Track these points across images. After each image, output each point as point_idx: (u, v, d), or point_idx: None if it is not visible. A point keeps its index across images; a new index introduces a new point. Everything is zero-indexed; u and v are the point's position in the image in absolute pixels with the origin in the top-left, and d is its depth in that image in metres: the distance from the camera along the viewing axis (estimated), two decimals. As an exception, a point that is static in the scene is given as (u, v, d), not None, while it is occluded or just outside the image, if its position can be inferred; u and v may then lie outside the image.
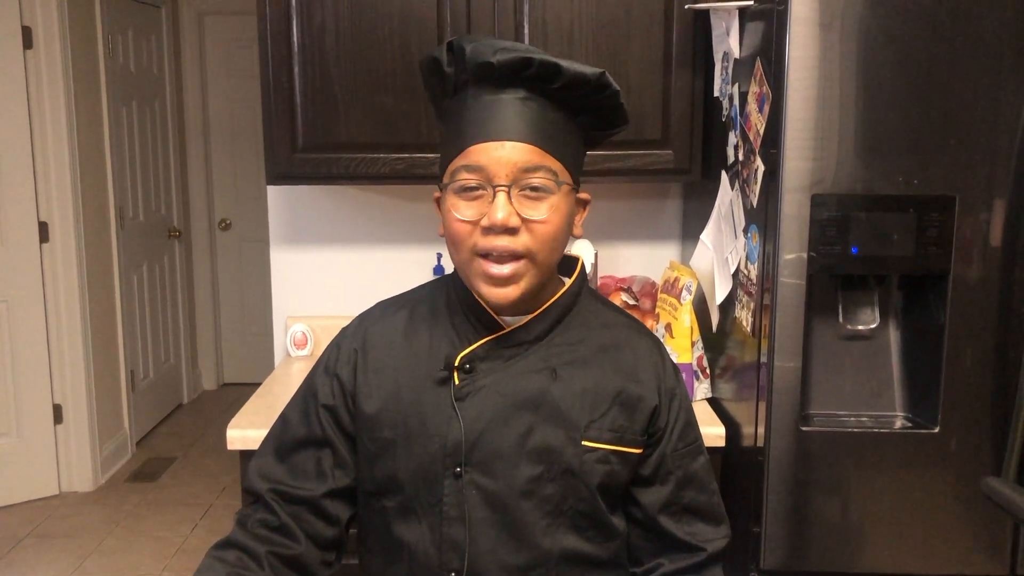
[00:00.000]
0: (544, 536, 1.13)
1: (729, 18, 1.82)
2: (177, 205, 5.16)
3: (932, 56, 1.52)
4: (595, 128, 1.17)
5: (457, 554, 1.13)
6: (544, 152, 1.08)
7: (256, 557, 1.15)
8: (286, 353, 2.45)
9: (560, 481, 1.14)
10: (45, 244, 3.83)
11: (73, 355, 3.94)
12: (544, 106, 1.09)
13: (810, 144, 1.54)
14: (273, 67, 2.04)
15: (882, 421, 1.66)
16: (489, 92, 1.09)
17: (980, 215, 1.55)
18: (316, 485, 1.19)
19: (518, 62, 1.07)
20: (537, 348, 1.16)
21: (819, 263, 1.56)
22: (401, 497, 1.16)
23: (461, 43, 1.10)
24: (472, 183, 1.08)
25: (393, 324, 1.23)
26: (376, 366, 1.20)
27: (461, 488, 1.13)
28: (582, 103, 1.12)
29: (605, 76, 1.09)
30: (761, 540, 1.64)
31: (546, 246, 1.10)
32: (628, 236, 2.46)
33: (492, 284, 1.10)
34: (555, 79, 1.07)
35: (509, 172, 1.07)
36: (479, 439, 1.13)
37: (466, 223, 1.09)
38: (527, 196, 1.08)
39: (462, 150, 1.09)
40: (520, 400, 1.14)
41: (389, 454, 1.17)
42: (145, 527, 3.69)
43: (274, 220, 2.46)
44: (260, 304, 5.35)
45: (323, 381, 1.22)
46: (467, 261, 1.11)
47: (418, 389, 1.17)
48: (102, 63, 4.16)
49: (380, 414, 1.18)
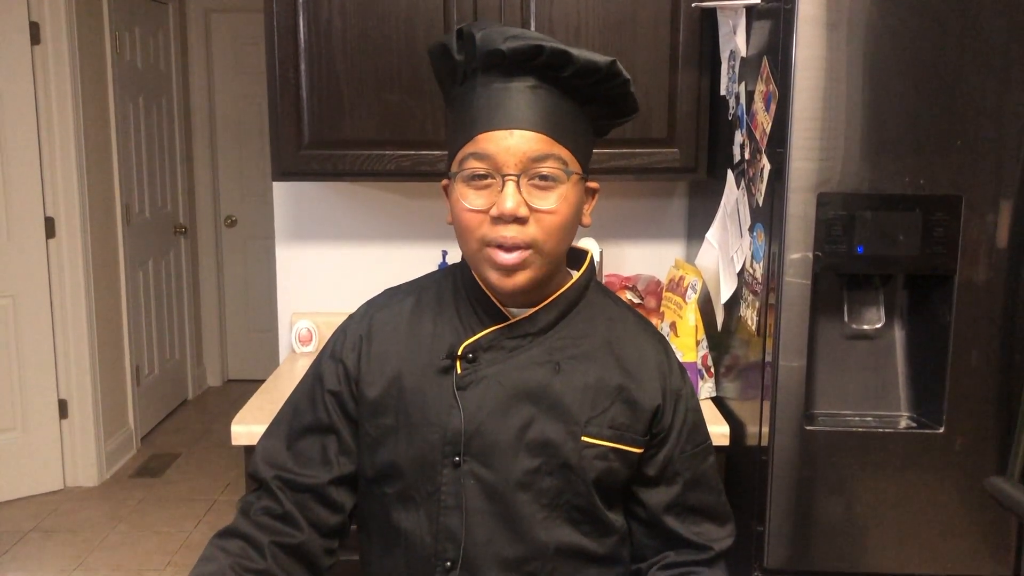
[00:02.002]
0: (540, 529, 1.13)
1: (736, 17, 1.82)
2: (183, 201, 5.17)
3: (939, 56, 1.52)
4: (605, 117, 1.16)
5: (453, 544, 1.13)
6: (553, 141, 1.08)
7: (259, 547, 1.15)
8: (291, 349, 2.45)
9: (558, 475, 1.13)
10: (51, 240, 3.84)
11: (78, 350, 3.95)
12: (554, 94, 1.08)
13: (816, 143, 1.54)
14: (280, 64, 2.04)
15: (887, 421, 1.65)
16: (499, 80, 1.08)
17: (986, 215, 1.55)
18: (321, 472, 1.19)
19: (529, 50, 1.06)
20: (542, 340, 1.16)
21: (824, 262, 1.56)
22: (400, 485, 1.16)
23: (471, 30, 1.09)
24: (481, 171, 1.08)
25: (399, 311, 1.23)
26: (380, 352, 1.20)
27: (459, 478, 1.13)
28: (592, 92, 1.11)
29: (616, 65, 1.08)
30: (765, 539, 1.64)
31: (554, 236, 1.10)
32: (633, 234, 2.46)
33: (500, 272, 1.09)
34: (566, 67, 1.07)
35: (518, 161, 1.06)
36: (479, 429, 1.13)
37: (475, 212, 1.08)
38: (536, 185, 1.07)
39: (471, 138, 1.08)
40: (521, 392, 1.13)
41: (390, 441, 1.17)
42: (149, 523, 3.70)
43: (280, 217, 2.47)
44: (265, 300, 5.36)
45: (329, 367, 1.22)
46: (476, 251, 1.11)
47: (420, 377, 1.17)
48: (109, 59, 4.17)
49: (382, 400, 1.18)
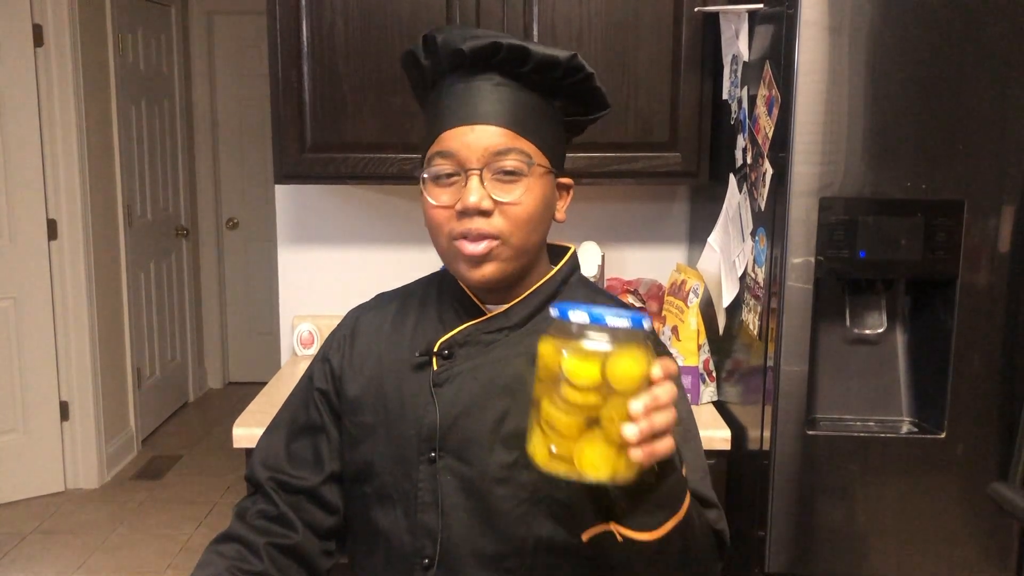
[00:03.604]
0: (519, 524, 1.12)
1: (738, 21, 1.82)
2: (185, 204, 5.18)
3: (941, 61, 1.52)
4: (575, 113, 1.17)
5: (431, 541, 1.13)
6: (516, 135, 1.08)
7: (255, 549, 1.15)
8: (292, 352, 2.45)
9: (535, 468, 1.12)
10: (53, 241, 3.84)
11: (80, 352, 3.96)
12: (518, 89, 1.09)
13: (819, 148, 1.54)
14: (282, 66, 2.04)
15: (888, 426, 1.65)
16: (462, 79, 1.10)
17: (988, 220, 1.55)
18: (314, 474, 1.21)
19: (487, 47, 1.07)
20: (519, 335, 1.16)
21: (827, 267, 1.56)
22: (378, 483, 1.17)
23: (434, 35, 1.11)
24: (446, 169, 1.09)
25: (384, 313, 1.25)
26: (362, 351, 1.22)
27: (435, 474, 1.13)
28: (556, 86, 1.12)
29: (576, 58, 1.09)
30: (766, 544, 1.63)
31: (521, 228, 1.09)
32: (635, 238, 2.46)
33: (469, 264, 1.10)
34: (525, 62, 1.08)
35: (480, 156, 1.07)
36: (453, 424, 1.13)
37: (443, 209, 1.09)
38: (499, 179, 1.08)
39: (436, 137, 1.10)
40: (497, 386, 1.13)
41: (369, 439, 1.17)
42: (150, 525, 3.70)
43: (282, 219, 2.47)
44: (267, 303, 5.37)
45: (318, 367, 1.25)
46: (447, 247, 1.12)
47: (400, 375, 1.18)
48: (112, 61, 4.18)
49: (362, 398, 1.19)
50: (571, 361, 0.84)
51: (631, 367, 0.84)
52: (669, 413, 0.85)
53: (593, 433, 0.85)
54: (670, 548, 0.97)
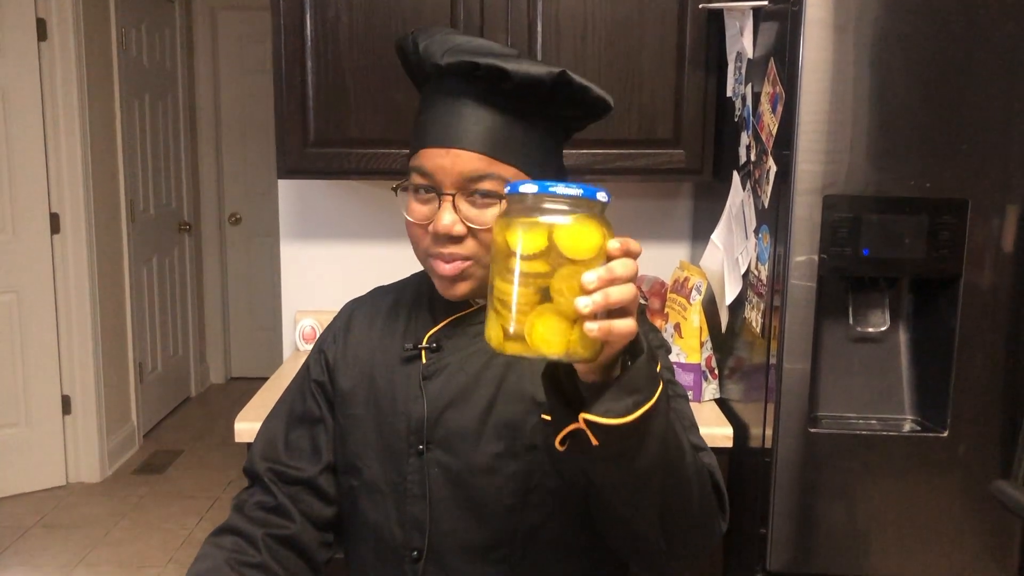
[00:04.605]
0: (507, 516, 1.11)
1: (743, 18, 1.82)
2: (188, 199, 5.18)
3: (946, 59, 1.52)
4: (575, 119, 1.13)
5: (419, 533, 1.13)
6: (492, 160, 1.04)
7: (252, 540, 1.16)
8: (295, 347, 2.45)
9: (524, 457, 1.11)
10: (56, 236, 3.85)
11: (82, 346, 3.96)
12: (500, 109, 1.05)
13: (823, 145, 1.53)
14: (286, 62, 2.04)
15: (891, 424, 1.65)
16: (443, 93, 1.07)
17: (992, 218, 1.54)
18: (312, 464, 1.21)
19: (463, 67, 1.04)
20: None
21: (830, 265, 1.56)
22: (368, 475, 1.17)
23: (416, 38, 1.09)
24: (423, 186, 1.07)
25: (379, 306, 1.26)
26: (355, 343, 1.23)
27: (423, 466, 1.13)
28: (545, 104, 1.07)
29: (565, 75, 1.04)
30: (768, 541, 1.64)
31: None
32: (638, 235, 2.42)
33: (442, 283, 1.10)
34: (504, 83, 1.03)
35: (455, 181, 1.04)
36: (441, 416, 1.13)
37: (418, 225, 1.09)
38: (474, 203, 1.05)
39: (416, 151, 1.08)
40: (484, 377, 1.13)
41: (359, 432, 1.18)
42: (151, 519, 3.70)
43: (284, 214, 2.47)
44: (269, 298, 5.37)
45: (315, 358, 1.26)
46: (422, 260, 1.13)
47: (391, 369, 1.18)
48: (115, 56, 4.18)
49: (353, 390, 1.20)
50: (517, 230, 0.80)
51: (581, 234, 0.81)
52: (627, 289, 0.79)
53: (545, 307, 0.80)
54: (648, 463, 0.87)
